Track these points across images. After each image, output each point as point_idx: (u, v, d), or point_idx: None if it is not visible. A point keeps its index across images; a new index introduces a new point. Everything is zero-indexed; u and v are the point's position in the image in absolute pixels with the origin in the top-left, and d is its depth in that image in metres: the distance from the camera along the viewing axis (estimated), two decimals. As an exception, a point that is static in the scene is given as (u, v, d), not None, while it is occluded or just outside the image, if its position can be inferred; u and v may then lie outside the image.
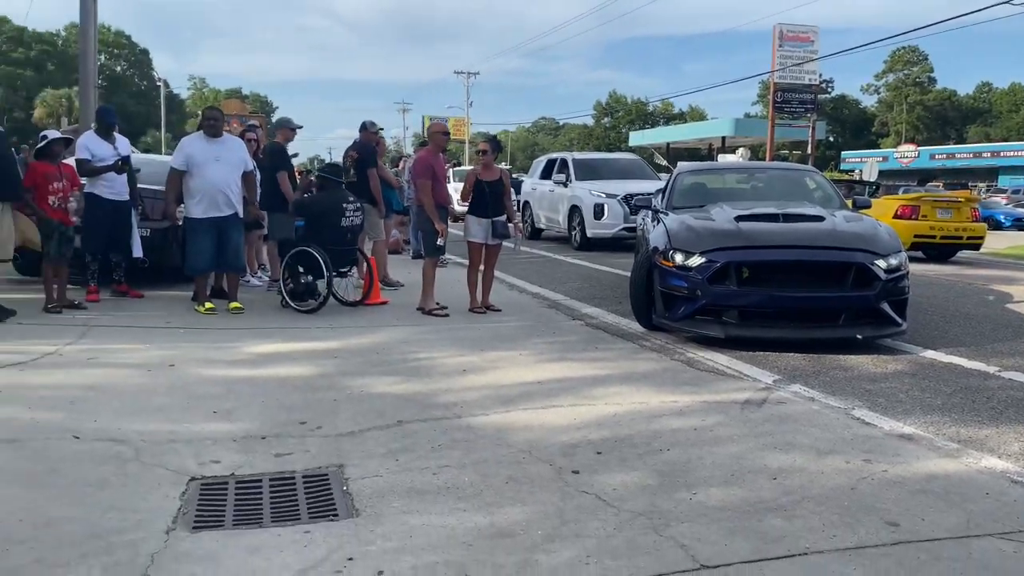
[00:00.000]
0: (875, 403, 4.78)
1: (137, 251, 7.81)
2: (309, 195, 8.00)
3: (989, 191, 37.81)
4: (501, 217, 7.59)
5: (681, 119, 74.17)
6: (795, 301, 6.21)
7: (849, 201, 8.45)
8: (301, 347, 5.96)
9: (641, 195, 9.53)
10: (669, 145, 43.23)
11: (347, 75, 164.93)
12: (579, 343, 6.31)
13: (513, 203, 8.05)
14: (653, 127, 64.19)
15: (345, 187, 7.96)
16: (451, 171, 17.89)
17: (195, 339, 6.09)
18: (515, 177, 19.26)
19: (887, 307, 6.20)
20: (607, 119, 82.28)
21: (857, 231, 6.65)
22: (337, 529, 2.94)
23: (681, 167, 9.20)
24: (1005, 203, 30.72)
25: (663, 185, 10.00)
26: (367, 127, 9.48)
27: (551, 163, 16.89)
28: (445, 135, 8.16)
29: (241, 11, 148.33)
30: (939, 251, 14.07)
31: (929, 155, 52.55)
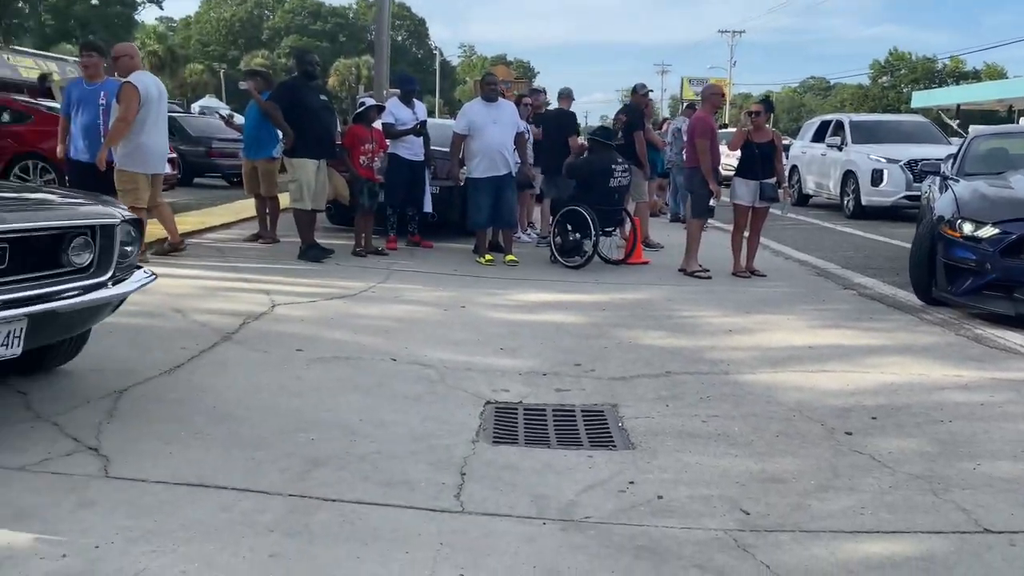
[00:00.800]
0: None
1: (428, 206, 8.69)
2: (581, 157, 8.39)
3: None
4: (771, 180, 7.50)
5: (975, 78, 65.96)
6: None
7: None
8: (571, 298, 6.37)
9: (928, 160, 8.84)
10: (959, 107, 38.75)
11: (606, 38, 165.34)
12: (852, 312, 6.13)
13: (784, 166, 7.89)
14: (940, 87, 57.83)
15: (614, 149, 8.26)
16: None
17: (479, 286, 6.73)
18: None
19: None
20: (885, 78, 75.27)
21: None
22: (617, 457, 3.24)
23: (976, 130, 8.44)
24: None
25: (954, 150, 9.20)
26: (637, 90, 9.69)
27: (824, 125, 15.98)
28: (720, 96, 8.16)
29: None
30: None
31: None
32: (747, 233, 7.68)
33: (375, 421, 3.49)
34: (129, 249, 3.52)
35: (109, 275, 3.36)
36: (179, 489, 2.69)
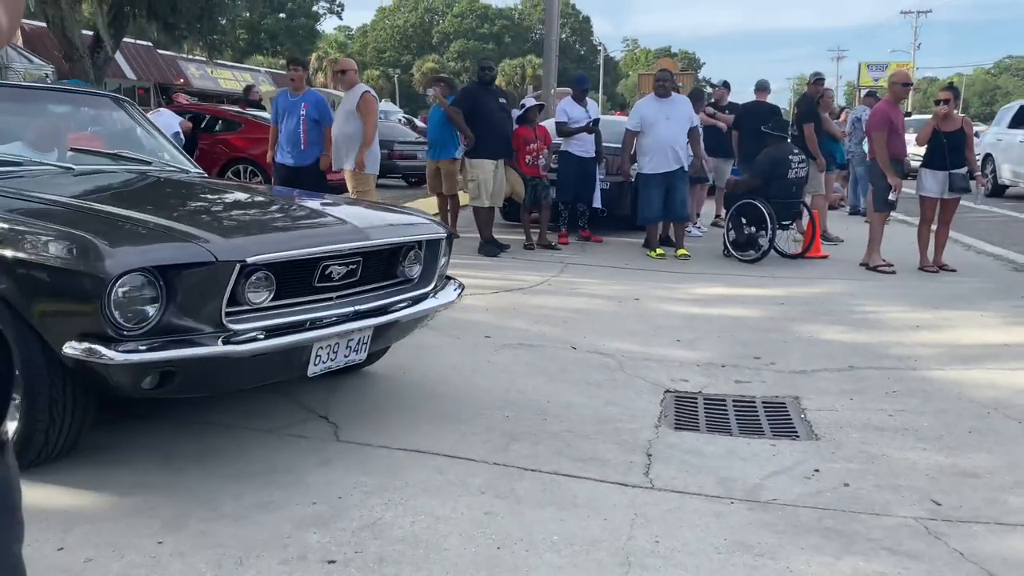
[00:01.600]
0: None
1: (597, 202, 8.90)
2: (762, 152, 8.29)
3: None
4: (960, 170, 7.12)
5: None
6: None
7: None
8: (747, 292, 6.37)
9: None
10: None
11: (776, 24, 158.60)
12: (1055, 309, 5.76)
13: (976, 155, 7.46)
14: None
15: (790, 140, 8.12)
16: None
17: (651, 279, 6.86)
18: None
19: None
20: (1101, 54, 67.57)
21: None
22: (800, 446, 3.31)
23: None
24: None
25: None
26: (810, 79, 9.43)
27: (1023, 110, 14.77)
28: (906, 86, 7.81)
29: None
30: None
31: None
32: (935, 226, 7.34)
33: (562, 403, 3.74)
34: (445, 261, 3.69)
35: (432, 286, 3.53)
36: (399, 453, 3.05)
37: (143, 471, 2.80)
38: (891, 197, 7.19)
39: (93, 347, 2.40)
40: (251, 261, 2.64)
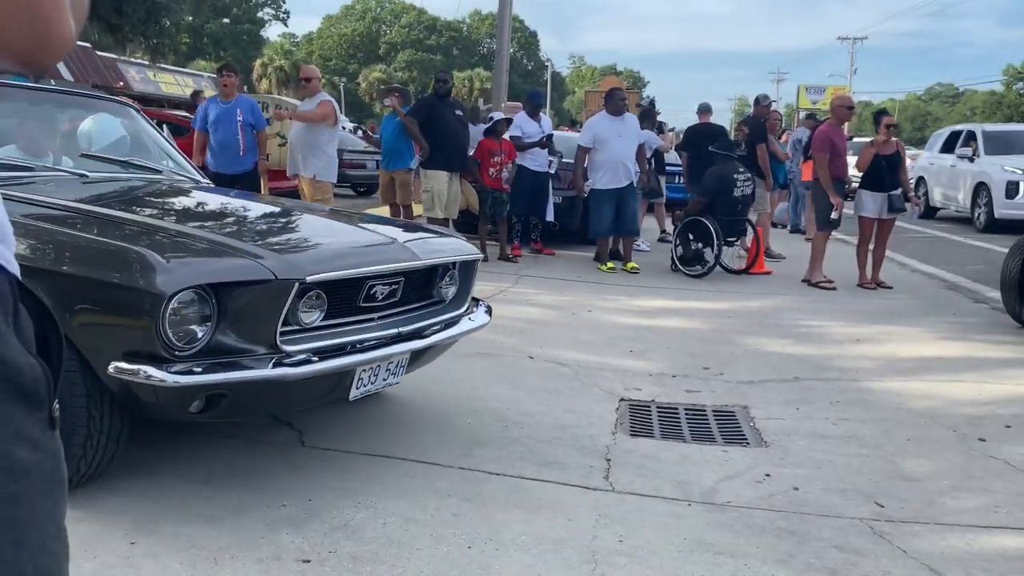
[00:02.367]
0: None
1: (550, 215, 9.04)
2: (707, 171, 8.54)
3: None
4: (897, 191, 7.47)
5: (1125, 82, 61.36)
6: None
7: None
8: (695, 305, 6.56)
9: None
10: (1106, 114, 36.28)
11: (718, 46, 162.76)
12: (984, 325, 6.07)
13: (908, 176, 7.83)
14: (1085, 93, 54.05)
15: (736, 159, 8.39)
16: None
17: (603, 292, 7.00)
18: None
19: None
20: (1020, 84, 71.01)
21: None
22: (751, 453, 3.45)
23: None
24: None
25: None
26: (760, 101, 9.76)
27: (954, 136, 15.43)
28: (850, 109, 8.17)
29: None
30: None
31: None
32: (872, 245, 7.66)
33: (522, 410, 3.82)
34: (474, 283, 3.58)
35: (465, 308, 3.44)
36: (365, 458, 3.09)
37: (112, 476, 2.78)
38: (833, 216, 7.49)
39: (143, 368, 2.27)
40: (309, 280, 2.53)
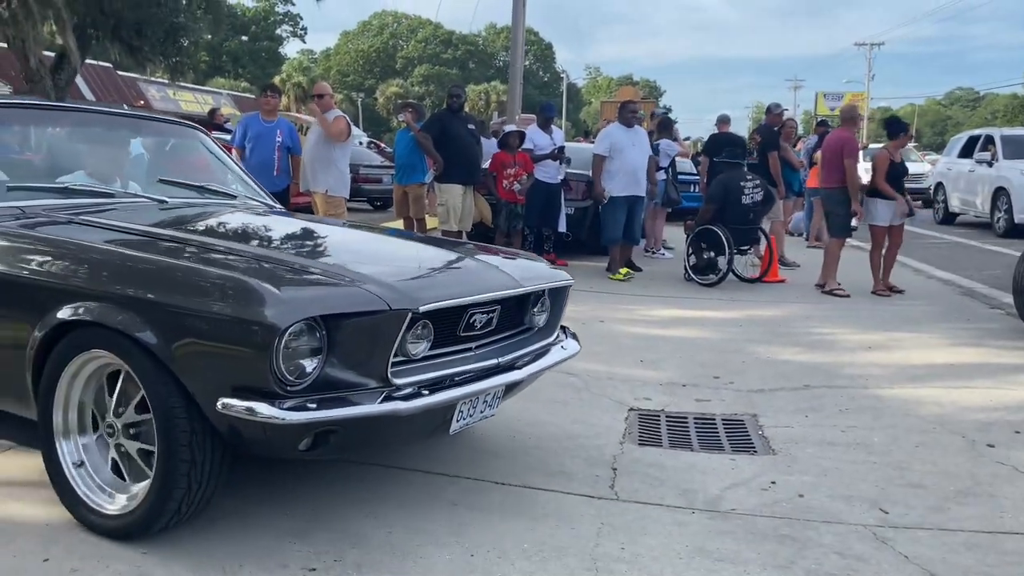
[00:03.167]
0: None
1: (562, 226, 9.09)
2: (714, 180, 8.56)
3: None
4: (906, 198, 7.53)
5: None
6: None
7: None
8: (707, 315, 6.57)
9: None
10: None
11: (736, 54, 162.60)
12: (998, 331, 6.03)
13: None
14: (1109, 94, 53.38)
15: (747, 168, 8.41)
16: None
17: (615, 302, 7.02)
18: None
19: None
20: (1044, 87, 70.27)
21: None
22: (758, 461, 3.46)
23: None
24: None
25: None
26: (771, 110, 9.79)
27: (972, 141, 15.29)
28: (853, 120, 8.23)
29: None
30: None
31: None
32: (886, 248, 7.68)
33: (530, 421, 3.86)
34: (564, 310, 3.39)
35: (555, 336, 3.28)
36: (371, 468, 3.14)
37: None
38: (854, 223, 7.55)
39: (255, 405, 2.15)
40: (423, 309, 2.41)
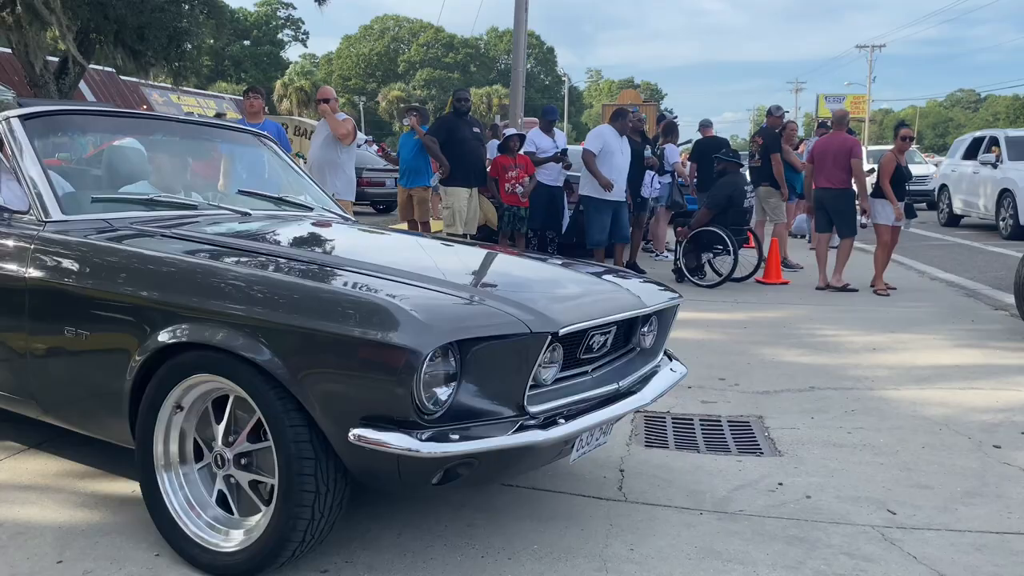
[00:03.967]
0: None
1: (562, 229, 9.12)
2: (720, 182, 8.59)
3: None
4: (905, 200, 7.75)
5: None
6: None
7: None
8: (710, 316, 6.58)
9: None
10: None
11: (738, 57, 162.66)
12: (1002, 332, 6.04)
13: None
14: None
15: (751, 171, 8.44)
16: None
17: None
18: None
19: None
20: (1046, 88, 70.22)
21: None
22: (764, 462, 3.47)
23: None
24: None
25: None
26: (772, 112, 9.81)
27: (977, 142, 15.24)
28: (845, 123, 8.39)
29: (638, 1, 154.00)
30: None
31: None
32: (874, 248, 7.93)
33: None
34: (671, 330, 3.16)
35: (660, 357, 3.08)
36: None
37: (135, 481, 2.86)
38: (863, 221, 7.64)
39: (391, 436, 2.01)
40: (563, 332, 2.27)
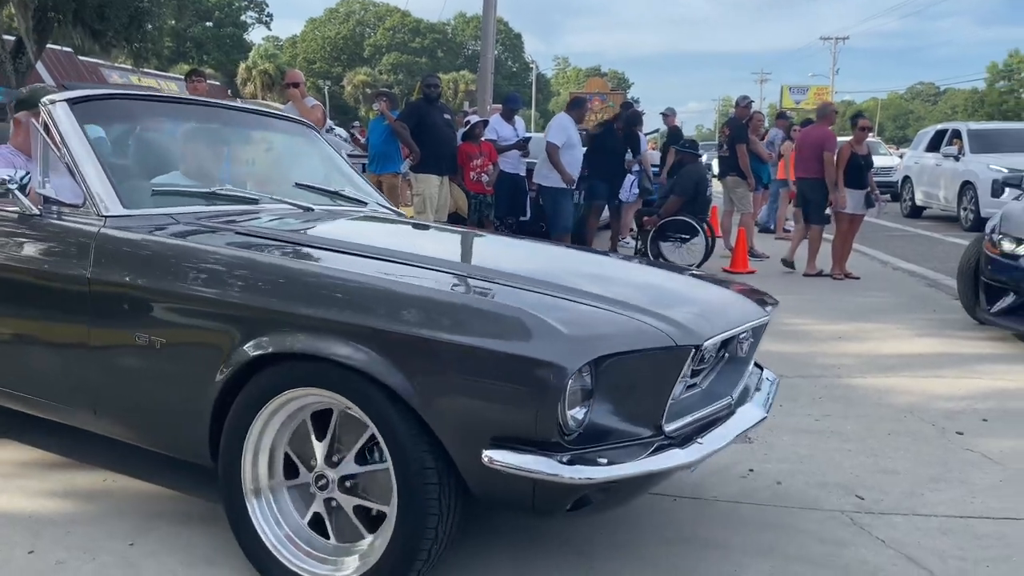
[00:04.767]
0: None
1: (526, 215, 9.15)
2: (685, 170, 8.68)
3: None
4: (867, 189, 7.96)
5: (1104, 80, 62.08)
6: None
7: None
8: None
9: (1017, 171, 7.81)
10: (1085, 112, 36.62)
11: (702, 47, 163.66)
12: (961, 322, 6.17)
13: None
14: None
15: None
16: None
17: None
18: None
19: None
20: (1002, 83, 71.76)
21: None
22: (736, 449, 3.48)
23: None
24: None
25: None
26: (739, 103, 9.92)
27: (939, 135, 15.48)
28: (836, 112, 8.51)
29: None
30: None
31: None
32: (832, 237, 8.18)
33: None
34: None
35: (751, 365, 2.85)
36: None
37: (111, 472, 2.82)
38: (828, 212, 7.99)
39: (530, 459, 1.84)
40: (707, 344, 2.13)
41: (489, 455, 1.86)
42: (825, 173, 7.83)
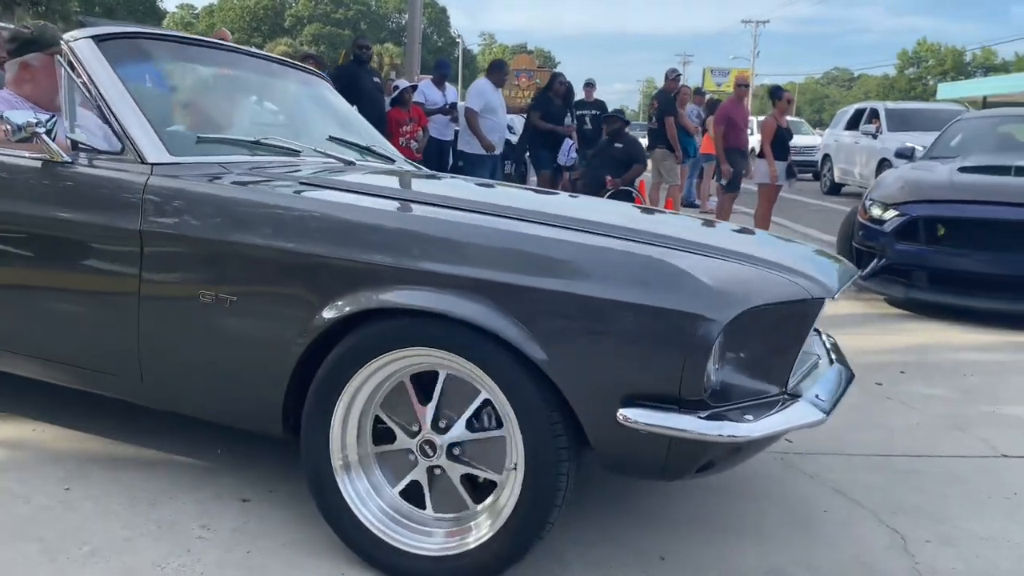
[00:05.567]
0: None
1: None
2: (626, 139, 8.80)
3: None
4: (788, 161, 8.27)
5: (1004, 70, 65.37)
6: (997, 266, 5.23)
7: None
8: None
9: (907, 146, 7.94)
10: (986, 99, 38.41)
11: (628, 28, 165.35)
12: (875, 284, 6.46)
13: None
14: (968, 79, 57.34)
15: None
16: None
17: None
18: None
19: None
20: (911, 69, 74.85)
21: None
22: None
23: (964, 114, 8.58)
24: None
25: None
26: (668, 76, 10.09)
27: (858, 113, 16.00)
28: (745, 87, 8.77)
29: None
30: None
31: None
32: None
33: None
34: None
35: None
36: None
37: (44, 422, 2.71)
38: (723, 181, 8.38)
39: (674, 417, 1.74)
40: (837, 296, 2.07)
41: (624, 413, 1.76)
42: (715, 145, 8.22)
